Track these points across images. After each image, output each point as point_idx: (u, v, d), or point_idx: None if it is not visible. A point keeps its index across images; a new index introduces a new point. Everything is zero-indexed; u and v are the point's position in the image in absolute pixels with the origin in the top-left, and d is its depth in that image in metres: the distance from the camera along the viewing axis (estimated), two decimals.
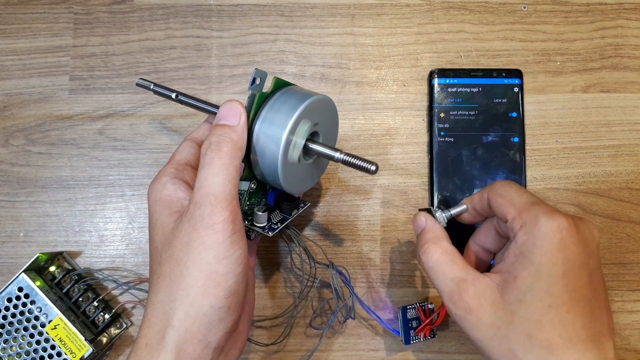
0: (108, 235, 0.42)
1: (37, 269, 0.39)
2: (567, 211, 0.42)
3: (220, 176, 0.28)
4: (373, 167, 0.30)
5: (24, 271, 0.37)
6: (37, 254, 0.38)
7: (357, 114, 0.43)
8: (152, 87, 0.37)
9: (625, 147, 0.43)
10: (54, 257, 0.40)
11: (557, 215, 0.28)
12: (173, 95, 0.36)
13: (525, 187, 0.41)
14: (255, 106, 0.31)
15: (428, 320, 0.38)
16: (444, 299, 0.30)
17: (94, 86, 0.43)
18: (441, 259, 0.31)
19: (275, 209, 0.36)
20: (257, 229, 0.34)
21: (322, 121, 0.33)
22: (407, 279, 0.41)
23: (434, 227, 0.33)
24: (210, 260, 0.27)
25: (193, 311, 0.27)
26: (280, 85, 0.32)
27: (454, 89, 0.42)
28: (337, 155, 0.32)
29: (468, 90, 0.42)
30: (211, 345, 0.28)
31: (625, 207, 0.42)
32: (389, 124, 0.43)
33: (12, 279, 0.37)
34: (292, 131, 0.30)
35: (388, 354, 0.40)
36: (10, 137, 0.43)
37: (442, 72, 0.43)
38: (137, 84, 0.38)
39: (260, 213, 0.34)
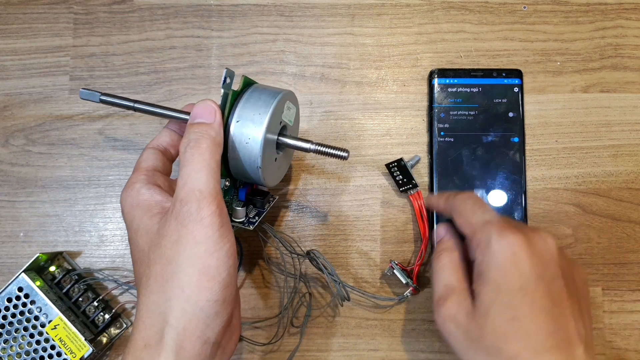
0: (108, 235, 0.42)
1: (37, 269, 0.39)
2: (567, 212, 0.42)
3: (203, 172, 0.28)
4: (345, 154, 0.33)
5: (24, 271, 0.37)
6: (37, 254, 0.38)
7: (357, 114, 0.43)
8: (99, 97, 0.33)
9: (625, 147, 0.43)
10: (54, 257, 0.40)
11: (508, 232, 0.30)
12: (127, 104, 0.33)
13: (526, 187, 0.41)
14: (229, 104, 0.32)
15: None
16: (434, 302, 0.32)
17: (94, 86, 0.43)
18: (446, 266, 0.33)
19: (247, 204, 0.36)
20: (237, 224, 0.35)
21: (289, 114, 0.35)
22: None
23: (451, 239, 0.36)
24: (202, 255, 0.27)
25: (190, 307, 0.27)
26: (249, 83, 0.33)
27: (454, 89, 0.42)
28: (309, 146, 0.33)
29: (468, 90, 0.42)
30: (210, 341, 0.28)
31: (625, 207, 0.42)
32: (389, 124, 0.43)
33: (12, 279, 0.37)
34: (269, 129, 0.32)
35: (388, 354, 0.40)
36: (10, 137, 0.43)
37: (442, 72, 0.43)
38: (82, 97, 0.33)
39: (239, 208, 0.35)
